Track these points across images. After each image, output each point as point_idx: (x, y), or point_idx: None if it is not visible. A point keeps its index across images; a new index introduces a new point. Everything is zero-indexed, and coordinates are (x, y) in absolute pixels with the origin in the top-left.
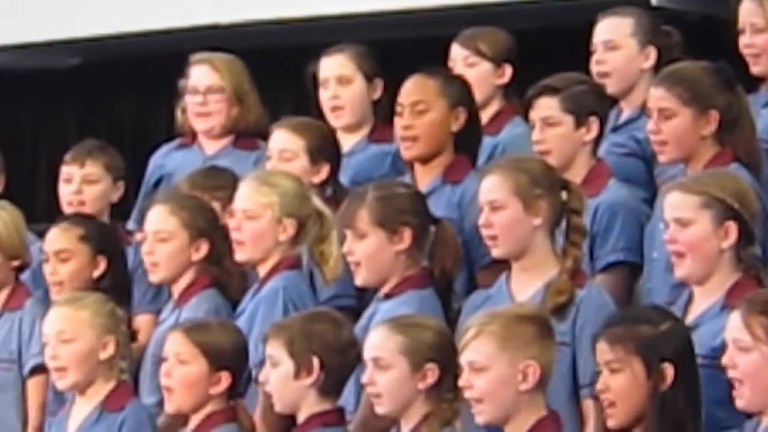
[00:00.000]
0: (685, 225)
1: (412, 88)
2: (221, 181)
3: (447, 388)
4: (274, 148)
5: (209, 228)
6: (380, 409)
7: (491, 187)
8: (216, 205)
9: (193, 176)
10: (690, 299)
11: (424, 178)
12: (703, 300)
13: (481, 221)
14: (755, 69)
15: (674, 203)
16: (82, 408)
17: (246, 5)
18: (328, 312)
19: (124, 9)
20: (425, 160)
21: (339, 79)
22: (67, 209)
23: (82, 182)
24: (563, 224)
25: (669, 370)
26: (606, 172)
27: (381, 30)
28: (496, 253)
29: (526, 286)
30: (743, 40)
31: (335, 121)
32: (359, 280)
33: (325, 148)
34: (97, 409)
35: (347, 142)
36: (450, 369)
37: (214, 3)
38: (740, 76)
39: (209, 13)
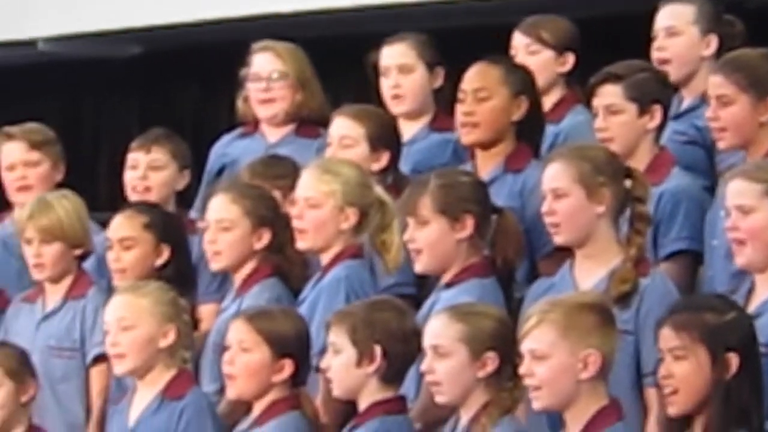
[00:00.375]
0: (747, 212)
1: (476, 75)
2: (282, 170)
3: (507, 377)
4: (334, 134)
5: (271, 216)
6: (439, 398)
7: (554, 174)
8: (277, 194)
9: (254, 165)
10: (751, 288)
11: (486, 167)
12: (765, 289)
13: (544, 209)
14: None
15: (736, 191)
16: (144, 396)
17: None
18: (392, 300)
19: None
20: (484, 146)
21: (400, 68)
22: (132, 196)
23: (147, 168)
24: (627, 212)
25: (734, 359)
26: (669, 160)
27: (443, 19)
28: (558, 240)
29: (589, 274)
30: None
31: (396, 108)
32: (419, 267)
33: (385, 135)
34: (158, 398)
35: (408, 130)
36: (510, 358)
37: None
38: None
39: (271, 3)
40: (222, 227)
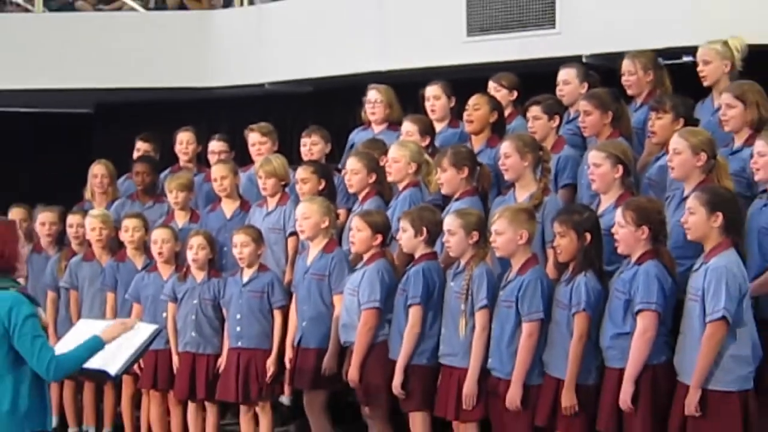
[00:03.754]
0: (597, 166)
1: (474, 99)
2: (377, 146)
3: (483, 242)
4: (404, 130)
5: (377, 167)
6: (451, 253)
7: (505, 146)
8: (376, 156)
9: (364, 144)
10: (599, 202)
11: (477, 145)
12: (605, 203)
13: (500, 163)
14: None
15: (592, 155)
16: (313, 251)
17: (380, 60)
18: (430, 206)
19: (348, 55)
20: (475, 134)
21: (434, 97)
22: (307, 156)
23: (311, 144)
24: (540, 166)
25: (588, 236)
26: (563, 141)
27: (457, 74)
28: (507, 177)
29: (522, 194)
30: None
31: (432, 117)
32: (444, 191)
33: (428, 130)
34: (320, 252)
35: (437, 128)
36: (484, 233)
37: (376, 54)
38: None
39: (378, 63)
40: (353, 172)
